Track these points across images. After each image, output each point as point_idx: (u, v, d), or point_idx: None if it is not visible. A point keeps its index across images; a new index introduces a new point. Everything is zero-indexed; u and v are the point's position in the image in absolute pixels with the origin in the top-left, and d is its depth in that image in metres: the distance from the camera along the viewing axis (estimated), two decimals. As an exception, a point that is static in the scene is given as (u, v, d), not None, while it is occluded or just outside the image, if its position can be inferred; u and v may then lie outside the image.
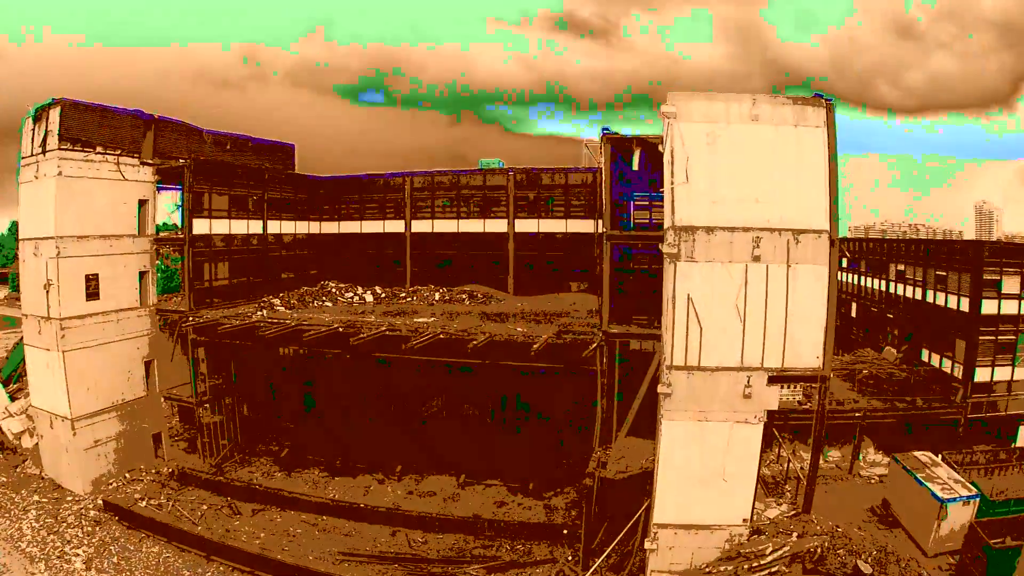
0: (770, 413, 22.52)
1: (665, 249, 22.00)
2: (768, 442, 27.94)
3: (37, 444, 36.34)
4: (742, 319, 21.85)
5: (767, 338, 21.88)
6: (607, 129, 29.11)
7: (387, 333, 31.44)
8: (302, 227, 46.80)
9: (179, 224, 38.67)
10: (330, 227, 48.34)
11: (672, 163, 22.12)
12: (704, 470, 22.76)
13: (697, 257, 21.82)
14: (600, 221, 40.69)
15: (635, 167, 28.03)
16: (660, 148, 27.94)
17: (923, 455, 26.19)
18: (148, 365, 37.36)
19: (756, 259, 21.67)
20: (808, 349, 21.92)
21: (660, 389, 22.83)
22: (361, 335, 30.35)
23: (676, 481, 22.99)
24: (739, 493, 22.85)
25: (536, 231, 43.18)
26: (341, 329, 32.24)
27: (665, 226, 22.20)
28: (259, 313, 35.73)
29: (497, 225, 43.73)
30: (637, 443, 29.01)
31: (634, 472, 27.23)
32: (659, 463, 23.15)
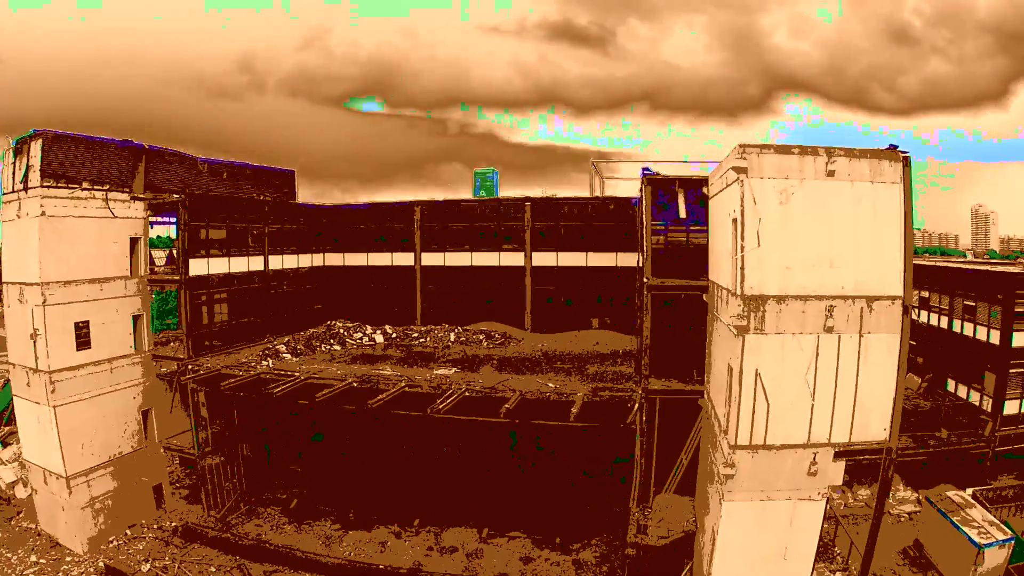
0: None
1: (733, 322, 20.03)
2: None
3: (31, 495, 33.83)
4: (812, 394, 20.08)
5: (835, 412, 20.23)
6: (647, 170, 27.11)
7: (407, 390, 29.09)
8: (305, 260, 44.20)
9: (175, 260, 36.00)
10: (334, 259, 45.78)
11: (742, 225, 19.95)
12: (763, 550, 21.24)
13: (767, 329, 19.84)
14: (632, 256, 39.12)
15: (683, 214, 25.97)
16: (704, 190, 26.33)
17: (956, 495, 25.90)
18: (145, 414, 34.91)
19: (828, 330, 19.81)
20: (876, 420, 20.27)
21: (723, 471, 21.05)
22: (379, 396, 27.92)
23: (734, 562, 21.54)
24: (797, 570, 21.43)
25: (555, 264, 40.91)
26: (356, 384, 29.86)
27: (734, 290, 20.35)
28: (264, 363, 33.13)
29: (513, 258, 41.42)
30: (675, 500, 27.72)
31: (676, 536, 26.09)
32: (717, 546, 21.52)
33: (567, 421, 26.58)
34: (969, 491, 27.46)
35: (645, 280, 26.91)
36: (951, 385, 34.37)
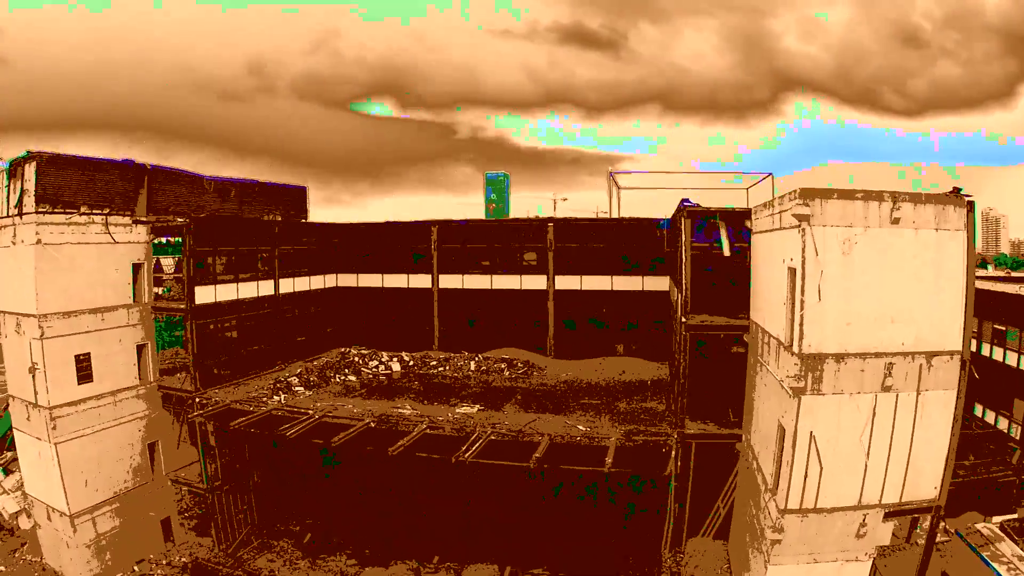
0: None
1: (789, 383, 18.44)
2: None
3: (35, 527, 32.56)
4: (866, 455, 18.80)
5: (888, 472, 19.06)
6: (687, 201, 25.36)
7: (428, 432, 27.38)
8: (317, 282, 42.44)
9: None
10: (348, 280, 44.00)
11: (803, 277, 18.26)
12: (809, 612, 19.92)
13: (824, 389, 18.30)
14: (660, 280, 37.54)
15: (726, 252, 24.20)
16: (747, 224, 24.70)
17: (985, 527, 25.50)
18: (152, 447, 33.47)
19: (886, 389, 18.39)
20: (927, 480, 19.15)
21: (770, 536, 19.68)
22: (399, 442, 26.16)
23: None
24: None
25: (579, 288, 39.13)
26: (374, 424, 28.22)
27: (788, 343, 18.96)
28: (275, 398, 31.44)
29: (535, 281, 39.64)
30: (709, 545, 26.69)
31: (711, 587, 24.48)
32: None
33: (600, 467, 24.96)
34: (996, 521, 26.77)
35: (684, 319, 25.20)
36: (979, 410, 33.51)
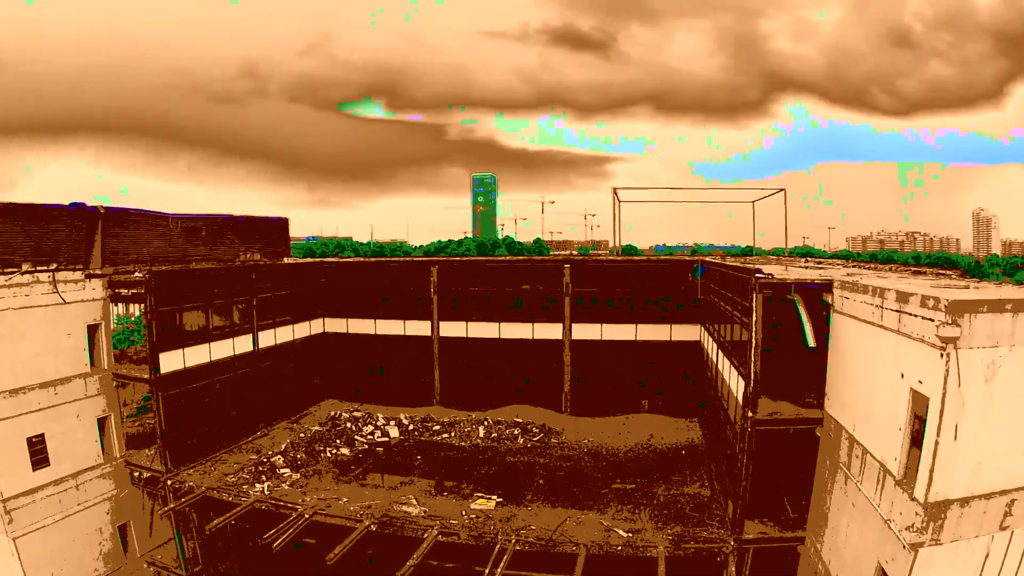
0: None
1: (908, 537, 15.11)
2: None
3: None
4: None
5: None
6: (759, 272, 21.38)
7: (440, 539, 23.21)
8: (302, 329, 37.85)
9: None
10: (336, 325, 39.44)
11: (940, 413, 14.56)
12: None
13: (943, 539, 15.00)
14: (690, 329, 33.57)
15: (811, 343, 20.25)
16: (826, 298, 20.92)
17: None
18: (123, 528, 29.36)
19: (1003, 528, 15.30)
20: None
21: None
22: (408, 563, 21.91)
23: None
24: None
25: (598, 337, 35.01)
26: (374, 528, 24.08)
27: (901, 477, 15.88)
28: (257, 487, 27.05)
29: (549, 330, 35.47)
30: None
31: None
32: None
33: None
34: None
35: (749, 413, 21.26)
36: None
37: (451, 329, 36.91)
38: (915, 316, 15.24)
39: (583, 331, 35.20)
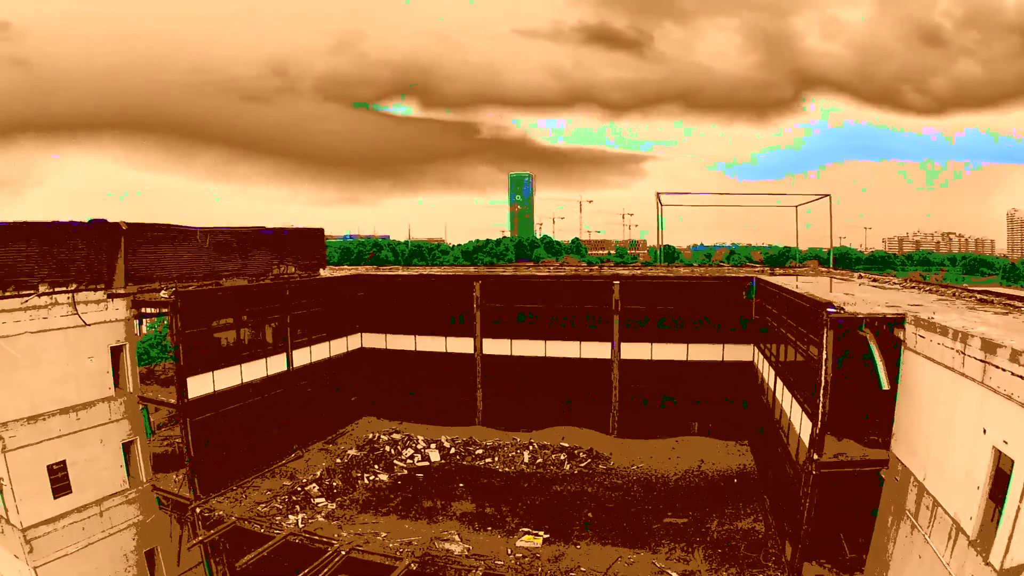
0: None
1: None
2: None
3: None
4: None
5: None
6: (832, 308, 19.14)
7: (484, 584, 21.33)
8: (339, 346, 36.31)
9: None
10: (374, 340, 37.82)
11: (1024, 485, 12.29)
12: None
13: None
14: (743, 349, 31.52)
15: (885, 386, 18.02)
16: (898, 333, 18.72)
17: None
18: (150, 555, 28.19)
19: None
20: None
21: None
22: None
23: None
24: None
25: (648, 357, 32.86)
26: (415, 567, 22.37)
27: (975, 542, 13.92)
28: (291, 518, 25.52)
29: (598, 349, 33.45)
30: None
31: None
32: None
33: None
34: None
35: (815, 456, 19.05)
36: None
37: (494, 347, 35.06)
38: (1003, 371, 12.98)
39: (632, 350, 33.09)
